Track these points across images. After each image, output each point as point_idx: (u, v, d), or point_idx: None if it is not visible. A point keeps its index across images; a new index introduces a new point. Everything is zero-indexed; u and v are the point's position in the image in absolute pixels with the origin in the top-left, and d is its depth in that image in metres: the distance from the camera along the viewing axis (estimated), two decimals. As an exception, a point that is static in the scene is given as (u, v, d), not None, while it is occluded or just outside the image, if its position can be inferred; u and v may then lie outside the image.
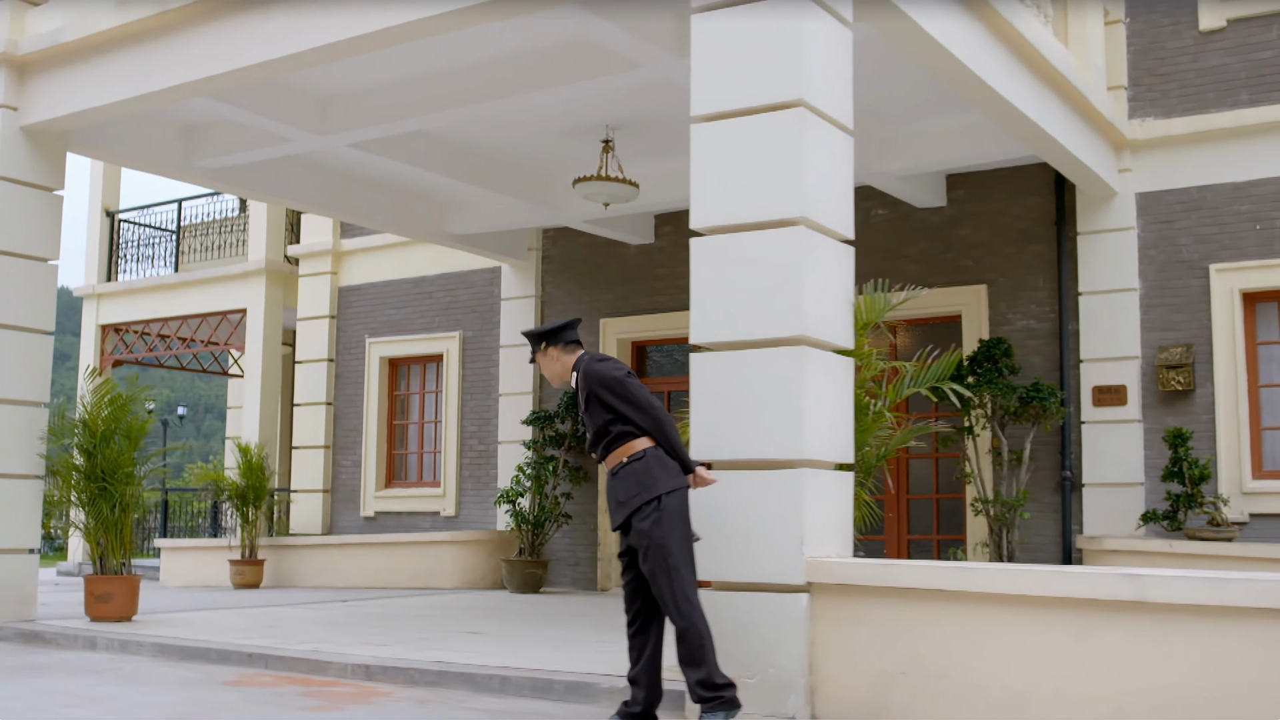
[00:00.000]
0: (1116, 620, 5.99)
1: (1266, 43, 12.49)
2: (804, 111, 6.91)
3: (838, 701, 6.65)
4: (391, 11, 8.98)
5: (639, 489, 6.28)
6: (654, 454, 6.34)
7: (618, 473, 6.39)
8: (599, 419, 6.45)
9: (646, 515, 6.24)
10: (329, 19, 9.36)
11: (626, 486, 6.33)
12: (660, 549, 6.20)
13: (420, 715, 7.17)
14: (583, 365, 6.58)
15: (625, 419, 6.37)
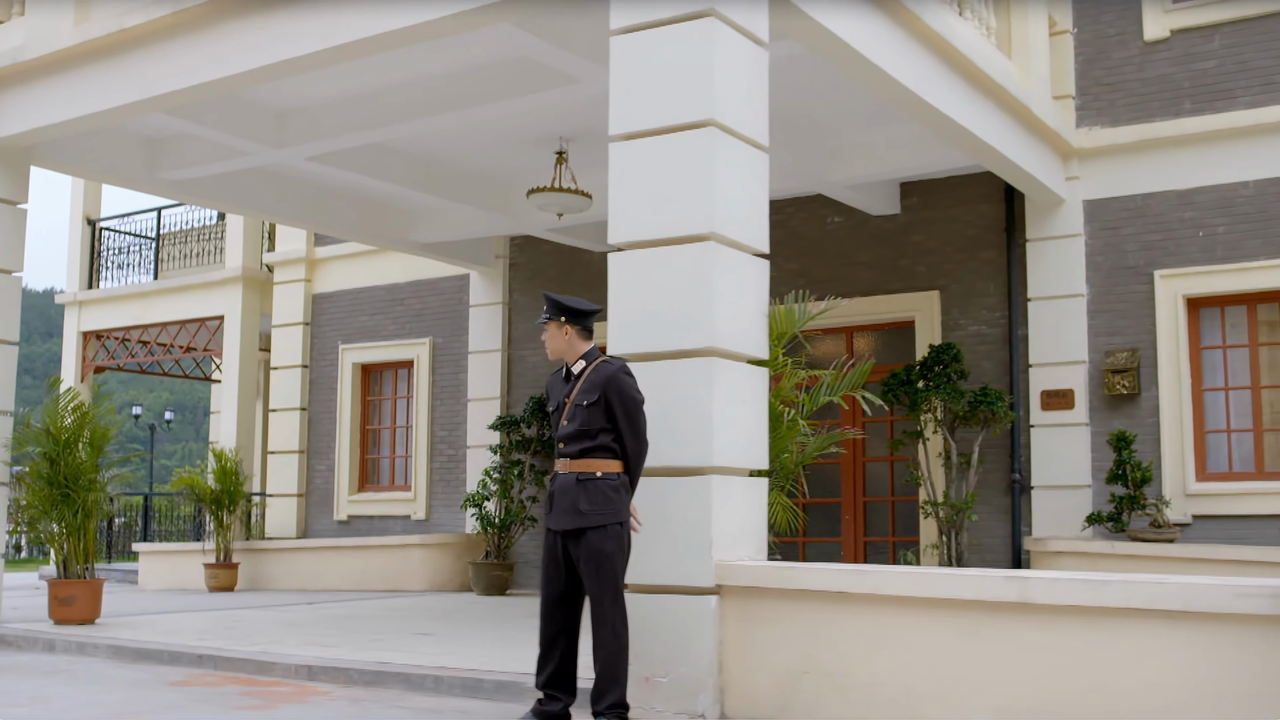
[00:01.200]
0: (1003, 620, 6.25)
1: (1209, 53, 12.75)
2: (715, 130, 7.16)
3: (746, 699, 6.90)
4: (338, 30, 9.19)
5: (606, 508, 6.44)
6: (624, 481, 6.54)
7: (586, 482, 6.49)
8: (596, 423, 6.52)
9: (610, 536, 6.42)
10: (283, 36, 9.56)
11: (593, 500, 6.45)
12: (614, 572, 6.43)
13: (351, 713, 7.42)
14: (608, 368, 6.62)
15: (619, 438, 6.53)
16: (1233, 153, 12.50)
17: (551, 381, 6.90)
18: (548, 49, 9.48)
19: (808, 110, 12.29)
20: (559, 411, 6.69)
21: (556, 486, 6.63)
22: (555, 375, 6.89)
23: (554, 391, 6.82)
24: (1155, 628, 5.91)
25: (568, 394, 6.65)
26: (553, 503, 6.63)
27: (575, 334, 6.73)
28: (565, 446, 6.60)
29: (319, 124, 12.08)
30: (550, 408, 6.82)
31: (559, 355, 6.78)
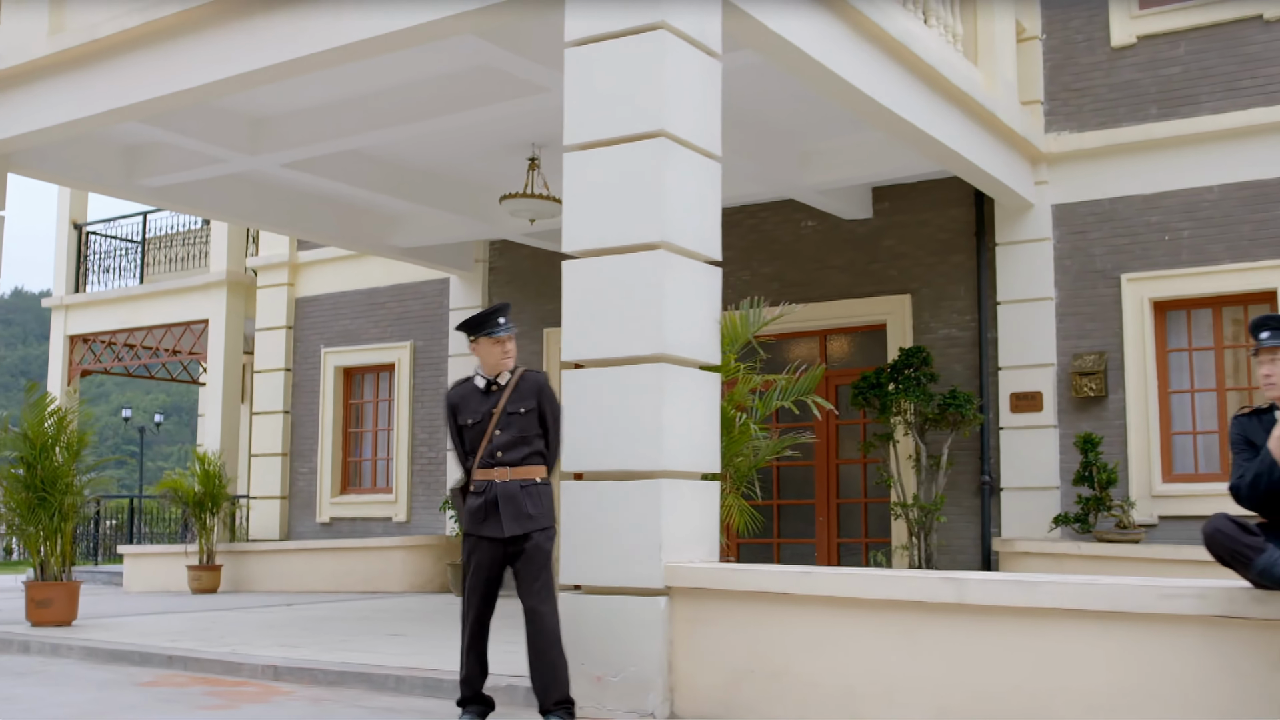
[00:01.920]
0: (940, 621, 6.40)
1: (1174, 59, 12.89)
2: (665, 141, 7.31)
3: (694, 698, 7.05)
4: (304, 41, 9.31)
5: (547, 511, 6.74)
6: (550, 485, 6.84)
7: (528, 488, 6.71)
8: (532, 430, 6.76)
9: (550, 537, 6.74)
10: (252, 46, 9.67)
11: (536, 504, 6.70)
12: (551, 573, 6.71)
13: (311, 712, 7.57)
14: (539, 377, 6.92)
15: (547, 445, 6.85)
16: (1197, 158, 12.65)
17: (462, 393, 6.95)
18: (513, 59, 9.61)
19: (778, 117, 12.43)
20: (483, 423, 6.78)
21: (497, 494, 6.70)
22: (462, 386, 6.98)
23: (470, 403, 6.87)
24: (1085, 628, 6.07)
25: (494, 404, 6.77)
26: (490, 512, 6.70)
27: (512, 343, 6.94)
28: (503, 455, 6.73)
29: (294, 131, 12.23)
30: (468, 420, 6.85)
31: (504, 369, 6.90)
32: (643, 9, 7.40)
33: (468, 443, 6.87)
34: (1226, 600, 5.76)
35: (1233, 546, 5.48)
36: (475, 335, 6.87)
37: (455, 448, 7.01)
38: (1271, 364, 5.72)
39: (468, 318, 6.94)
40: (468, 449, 6.89)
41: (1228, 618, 5.76)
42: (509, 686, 7.78)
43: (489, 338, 6.85)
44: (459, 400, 6.93)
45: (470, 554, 6.84)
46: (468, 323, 6.92)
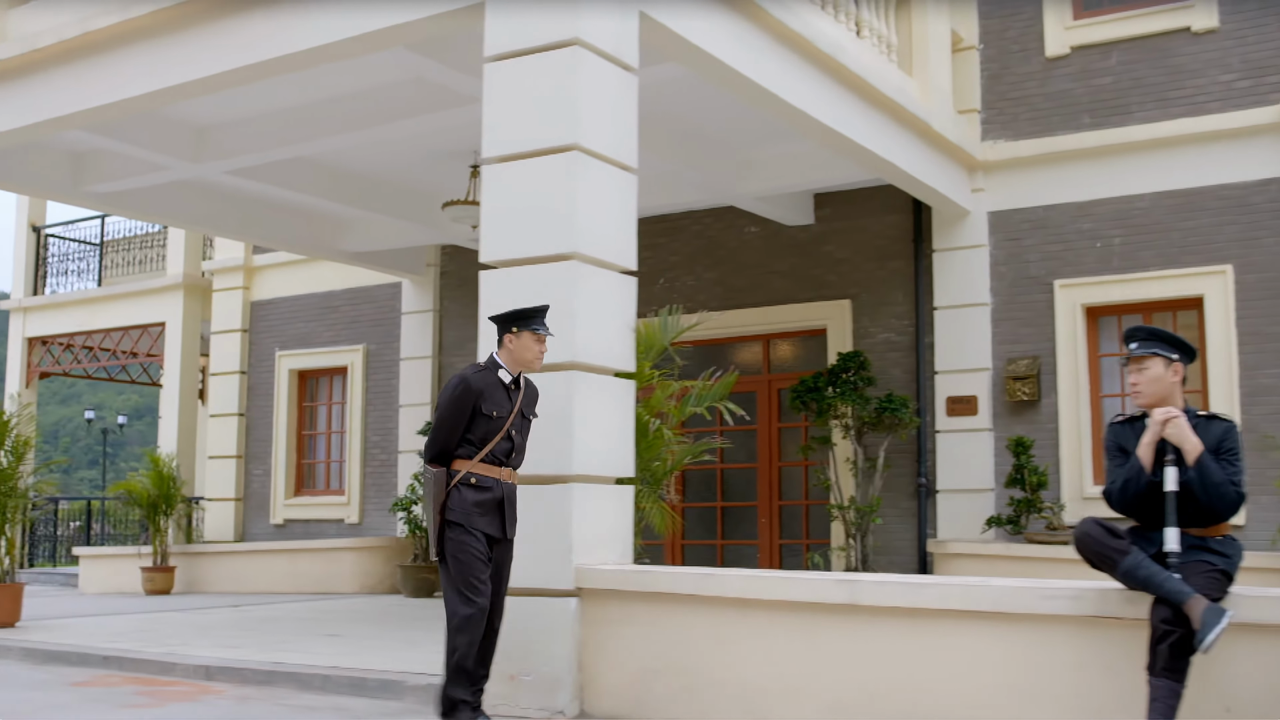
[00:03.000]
0: (835, 621, 6.63)
1: (1106, 69, 13.15)
2: (578, 154, 7.51)
3: (604, 697, 7.25)
4: (242, 52, 9.43)
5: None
6: None
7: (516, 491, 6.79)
8: (528, 436, 6.87)
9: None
10: (197, 55, 9.80)
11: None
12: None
13: (235, 711, 7.75)
14: (536, 385, 6.92)
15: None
16: (1128, 166, 12.90)
17: (485, 380, 6.62)
18: (446, 71, 9.81)
19: (717, 126, 12.63)
20: (503, 419, 6.59)
21: (504, 495, 6.62)
22: (484, 374, 6.65)
23: (495, 395, 6.60)
24: (970, 628, 6.30)
25: (514, 403, 6.64)
26: (492, 510, 6.56)
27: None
28: (512, 458, 6.68)
29: (237, 139, 12.39)
30: (493, 411, 6.57)
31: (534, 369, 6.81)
32: (558, 25, 7.61)
33: (477, 433, 6.54)
34: (1100, 601, 5.99)
35: (1099, 549, 5.70)
36: (520, 328, 6.65)
37: (447, 432, 6.55)
38: (1139, 373, 5.92)
39: (516, 308, 6.74)
40: (474, 438, 6.55)
41: (1102, 617, 5.99)
42: (428, 686, 7.96)
43: (534, 334, 6.67)
44: (484, 388, 6.57)
45: (468, 545, 6.48)
46: (516, 313, 6.68)
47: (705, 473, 15.21)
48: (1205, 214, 12.53)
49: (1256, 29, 12.47)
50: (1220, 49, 12.64)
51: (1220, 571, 5.66)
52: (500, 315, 6.74)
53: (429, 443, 6.63)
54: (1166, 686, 5.45)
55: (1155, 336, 5.92)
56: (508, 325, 6.68)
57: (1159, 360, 5.88)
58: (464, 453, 6.56)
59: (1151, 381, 5.90)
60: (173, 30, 9.82)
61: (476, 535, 6.50)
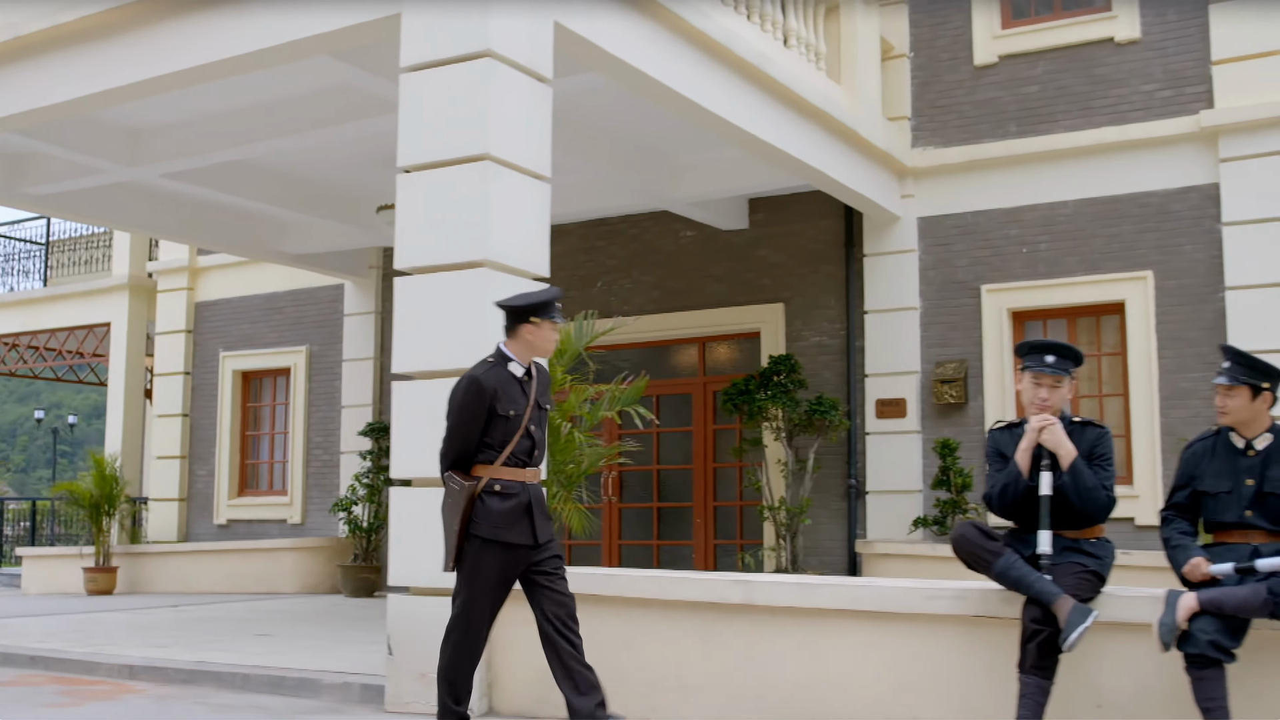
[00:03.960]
0: (731, 620, 6.82)
1: (1033, 78, 13.39)
2: (490, 164, 7.67)
3: (511, 694, 7.42)
4: (171, 58, 9.51)
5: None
6: None
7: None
8: (545, 428, 6.42)
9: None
10: (126, 60, 9.87)
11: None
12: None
13: (152, 709, 7.88)
14: (545, 369, 6.48)
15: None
16: (1054, 173, 13.14)
17: (497, 377, 6.16)
18: (372, 79, 9.95)
19: (648, 131, 12.78)
20: (521, 417, 6.16)
21: (532, 498, 6.18)
22: (495, 371, 6.20)
23: (509, 392, 6.15)
24: (859, 627, 6.51)
25: (528, 396, 6.21)
26: (521, 517, 6.11)
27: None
28: (534, 456, 6.25)
29: (172, 143, 12.48)
30: (508, 410, 6.12)
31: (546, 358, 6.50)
32: (470, 37, 7.76)
33: (495, 435, 6.09)
34: (982, 601, 6.21)
35: (974, 551, 5.91)
36: (542, 318, 6.20)
37: (462, 438, 6.12)
38: (1053, 389, 6.11)
39: (532, 296, 6.26)
40: (492, 442, 6.10)
41: (984, 617, 6.21)
42: (344, 684, 8.13)
43: (551, 322, 6.24)
44: (499, 386, 6.10)
45: (489, 562, 6.06)
46: (539, 303, 6.23)
47: (642, 474, 15.39)
48: (1127, 221, 12.79)
49: (1177, 40, 12.73)
50: (1142, 59, 12.90)
51: (1091, 572, 5.88)
52: (518, 305, 6.24)
53: (443, 452, 6.18)
54: (1035, 683, 5.67)
55: (1067, 354, 6.12)
56: (526, 315, 6.19)
57: (1067, 379, 6.10)
58: (484, 458, 6.11)
59: (1061, 399, 6.11)
60: (103, 35, 9.87)
61: (502, 547, 6.05)
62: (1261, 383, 5.74)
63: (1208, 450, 5.92)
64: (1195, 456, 5.95)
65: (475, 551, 6.05)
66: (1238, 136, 12.27)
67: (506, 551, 6.06)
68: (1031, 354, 6.13)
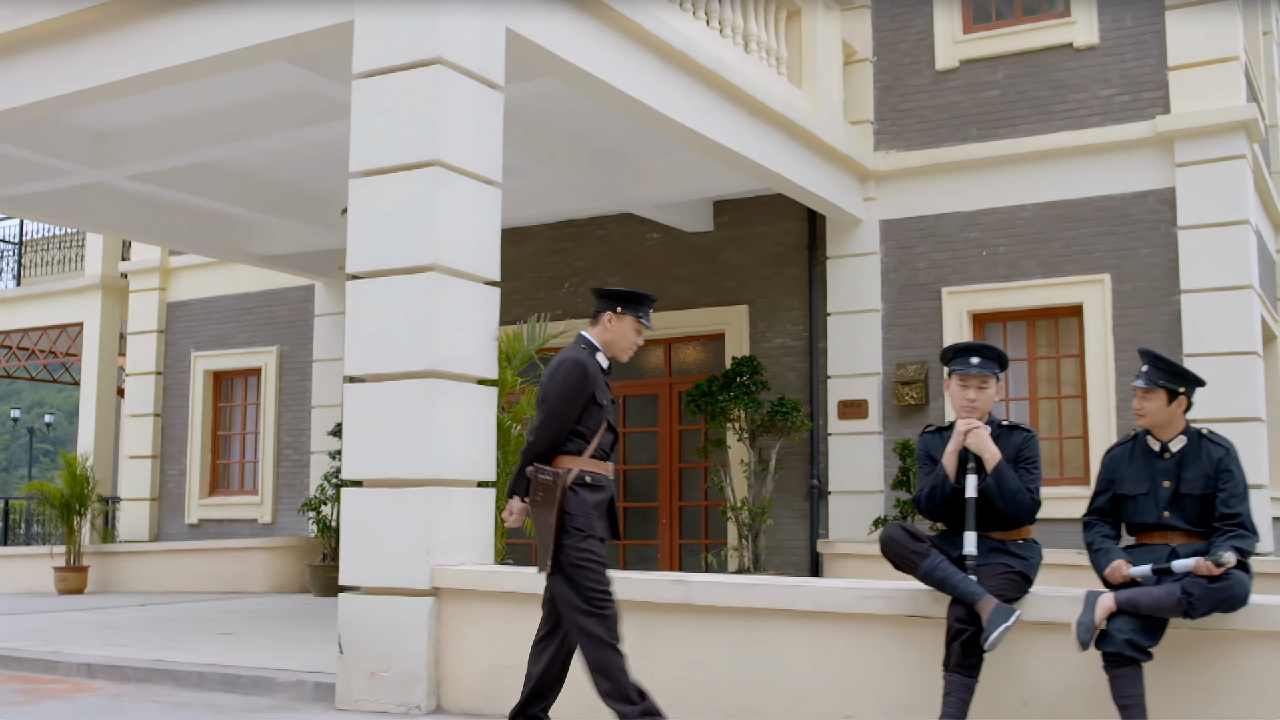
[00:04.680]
0: (670, 619, 6.95)
1: (993, 83, 13.54)
2: (440, 170, 7.77)
3: (458, 692, 7.53)
4: (127, 64, 9.59)
5: None
6: None
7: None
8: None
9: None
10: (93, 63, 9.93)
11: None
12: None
13: (107, 707, 7.98)
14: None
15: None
16: (1013, 177, 13.30)
17: (595, 365, 6.10)
18: (330, 84, 10.07)
19: (612, 135, 12.88)
20: (610, 408, 6.14)
21: (613, 493, 6.14)
22: (591, 360, 6.10)
23: (601, 381, 6.09)
24: (795, 626, 6.65)
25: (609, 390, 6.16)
26: (605, 511, 6.05)
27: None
28: (614, 450, 6.18)
29: (138, 145, 12.57)
30: (604, 400, 6.08)
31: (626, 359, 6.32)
32: (421, 44, 7.87)
33: (589, 424, 5.99)
34: (912, 601, 6.34)
35: (901, 552, 6.04)
36: (625, 310, 6.14)
37: (558, 423, 5.97)
38: (980, 390, 6.23)
39: (629, 289, 6.21)
40: (585, 431, 6.00)
41: (914, 617, 6.34)
42: (298, 682, 8.23)
43: (635, 319, 6.17)
44: (596, 374, 6.03)
45: (592, 552, 5.95)
46: (628, 294, 6.16)
47: (609, 474, 15.49)
48: (1085, 225, 12.94)
49: (1135, 46, 12.89)
50: (1100, 65, 13.05)
51: (1017, 573, 6.01)
52: (608, 290, 6.20)
53: (537, 439, 5.96)
54: (960, 681, 5.80)
55: (992, 356, 6.24)
56: (613, 303, 6.12)
57: (994, 380, 6.22)
58: (572, 448, 5.96)
59: (989, 400, 6.23)
60: (68, 39, 9.92)
61: (596, 544, 5.95)
62: (1178, 386, 5.88)
63: (1126, 454, 6.06)
64: (1114, 461, 6.10)
65: (574, 545, 5.88)
66: (1193, 141, 12.43)
67: (600, 545, 5.96)
68: (957, 357, 6.25)
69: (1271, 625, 5.63)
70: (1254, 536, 5.66)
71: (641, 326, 6.15)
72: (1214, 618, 5.65)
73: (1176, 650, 5.79)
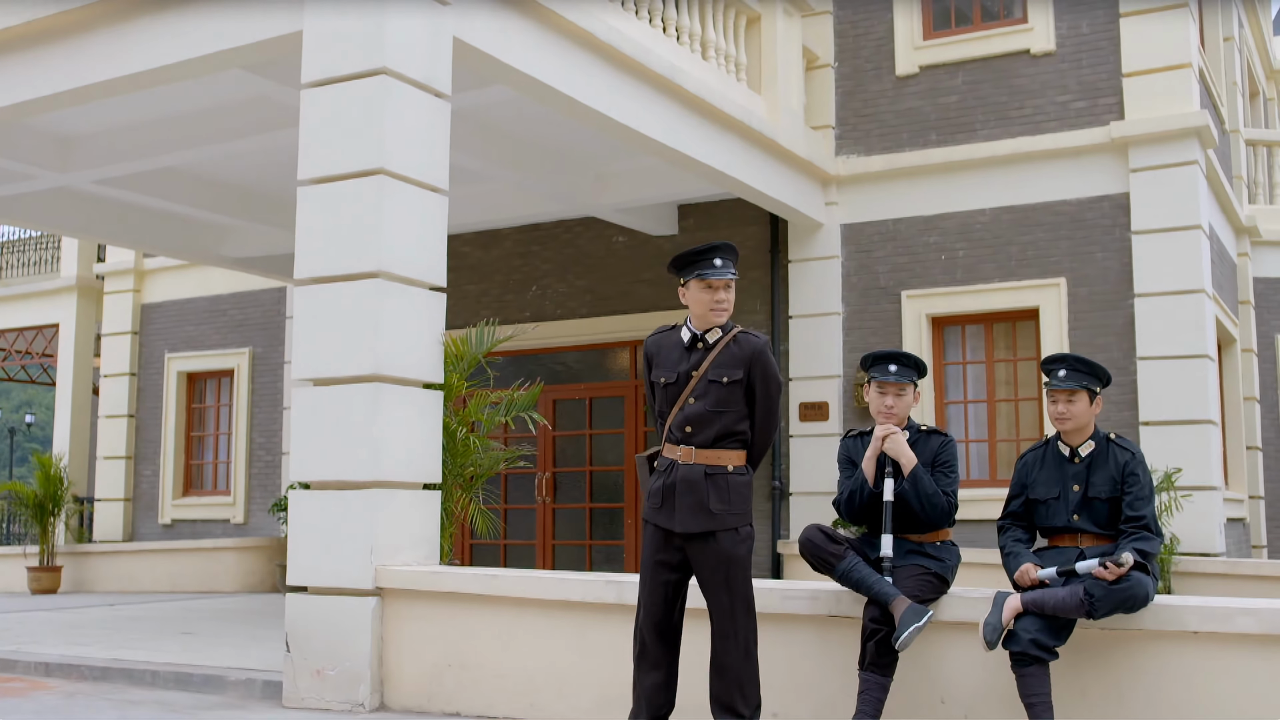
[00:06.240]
0: (605, 619, 7.09)
1: (952, 88, 13.70)
2: (384, 178, 7.91)
3: (401, 690, 7.68)
4: (84, 71, 9.72)
5: (738, 507, 5.67)
6: (751, 478, 5.82)
7: (715, 476, 5.64)
8: (735, 406, 5.69)
9: (740, 540, 5.68)
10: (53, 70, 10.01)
11: (723, 497, 5.63)
12: (747, 581, 5.73)
13: (60, 705, 8.10)
14: (756, 342, 5.81)
15: (752, 425, 5.80)
16: (972, 182, 13.46)
17: (662, 342, 5.89)
18: (286, 91, 10.20)
19: (572, 140, 12.99)
20: (679, 385, 5.71)
21: (678, 479, 5.66)
22: (666, 335, 5.93)
23: (668, 357, 5.80)
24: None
25: (695, 365, 5.70)
26: (666, 498, 5.69)
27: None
28: (693, 431, 5.66)
29: (102, 150, 12.67)
30: (666, 378, 5.76)
31: (714, 323, 5.79)
32: (367, 54, 8.01)
33: (660, 404, 5.80)
34: (834, 602, 6.49)
35: (818, 553, 6.19)
36: (684, 276, 5.78)
37: (650, 405, 5.95)
38: (898, 397, 6.39)
39: (680, 252, 5.84)
40: (662, 411, 5.81)
41: (835, 616, 6.49)
42: (248, 680, 8.38)
43: (700, 280, 5.71)
44: (655, 350, 5.87)
45: (645, 541, 5.80)
46: (677, 259, 5.83)
47: (575, 475, 15.67)
48: (1041, 229, 13.11)
49: (1091, 53, 13.06)
50: (1057, 71, 13.22)
51: (933, 574, 6.17)
52: (671, 262, 5.90)
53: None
54: (874, 680, 5.95)
55: (909, 363, 6.41)
56: (676, 274, 5.85)
57: (912, 387, 6.38)
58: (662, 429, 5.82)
59: (906, 406, 6.40)
60: (27, 46, 10.03)
61: (653, 529, 5.74)
62: (1096, 386, 6.06)
63: (1038, 459, 6.23)
64: (1026, 466, 6.26)
65: (644, 535, 5.83)
66: (1146, 147, 12.61)
67: (657, 533, 5.71)
68: (876, 365, 6.41)
69: (1175, 625, 5.78)
70: (1157, 538, 5.83)
71: (710, 282, 5.69)
72: (1120, 618, 5.81)
73: (1088, 651, 5.95)
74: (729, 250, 5.75)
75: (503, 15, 9.02)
